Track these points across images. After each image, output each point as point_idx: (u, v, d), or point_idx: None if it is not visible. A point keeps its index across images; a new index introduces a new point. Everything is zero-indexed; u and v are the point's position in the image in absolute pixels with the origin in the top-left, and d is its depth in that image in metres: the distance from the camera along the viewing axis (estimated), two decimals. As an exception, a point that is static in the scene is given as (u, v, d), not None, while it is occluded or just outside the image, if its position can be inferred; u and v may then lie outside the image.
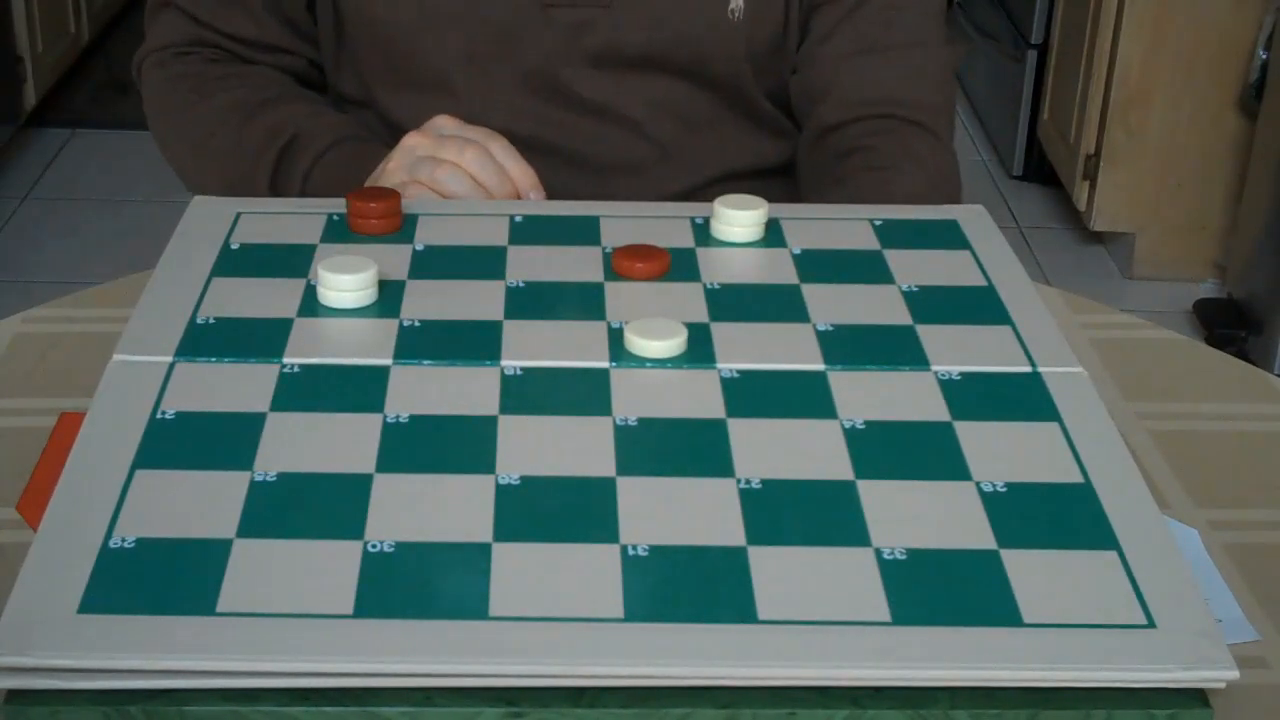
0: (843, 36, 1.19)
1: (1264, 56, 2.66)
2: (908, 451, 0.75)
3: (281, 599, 0.64)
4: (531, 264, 0.92)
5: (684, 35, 1.16)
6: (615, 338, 0.84)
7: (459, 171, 1.02)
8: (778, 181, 1.23)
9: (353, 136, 1.15)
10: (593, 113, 1.17)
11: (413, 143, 1.05)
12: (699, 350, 0.83)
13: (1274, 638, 0.75)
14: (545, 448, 0.74)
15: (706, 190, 1.17)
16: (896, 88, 1.19)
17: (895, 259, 0.94)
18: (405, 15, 1.15)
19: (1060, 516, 0.71)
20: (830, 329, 0.86)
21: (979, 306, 0.89)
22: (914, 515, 0.70)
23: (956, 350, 0.84)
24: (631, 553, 0.67)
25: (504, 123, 1.17)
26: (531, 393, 0.79)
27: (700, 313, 0.87)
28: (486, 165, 1.02)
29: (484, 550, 0.67)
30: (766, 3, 1.17)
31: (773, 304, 0.89)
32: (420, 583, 0.65)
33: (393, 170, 1.05)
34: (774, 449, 0.75)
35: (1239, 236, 2.71)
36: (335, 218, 0.97)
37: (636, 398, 0.78)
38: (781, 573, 0.66)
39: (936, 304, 0.89)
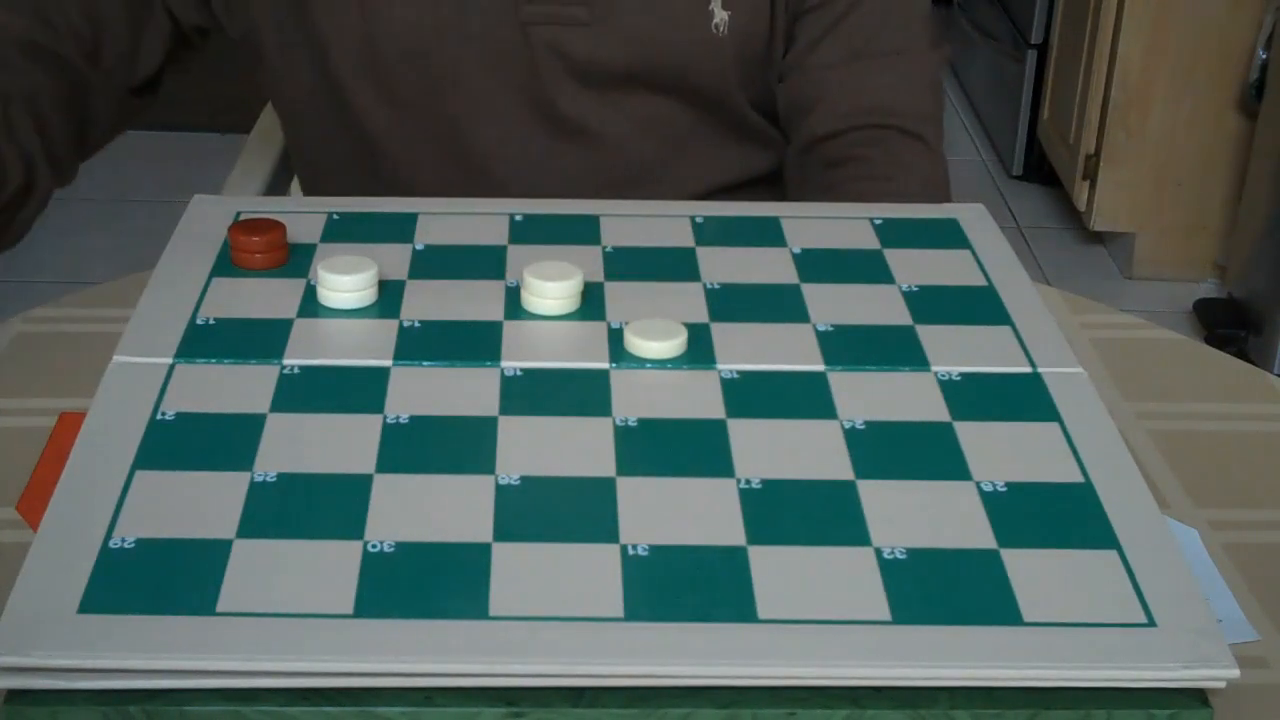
0: (831, 44, 1.18)
1: (1264, 56, 2.66)
2: (908, 452, 0.75)
3: (281, 599, 0.64)
4: (532, 264, 0.92)
5: (667, 51, 1.14)
6: (615, 338, 0.84)
7: None
8: (765, 191, 1.22)
9: None
10: (577, 131, 1.16)
11: None
12: (699, 350, 0.83)
13: (1274, 638, 0.75)
14: (545, 448, 0.74)
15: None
16: (887, 96, 1.18)
17: (895, 258, 0.94)
18: (393, 29, 1.13)
19: (1060, 516, 0.71)
20: (830, 329, 0.86)
21: (979, 306, 0.89)
22: (914, 515, 0.70)
23: (956, 350, 0.84)
24: (631, 553, 0.67)
25: (490, 142, 1.16)
26: (531, 393, 0.79)
27: (700, 313, 0.87)
28: None
29: (484, 550, 0.67)
30: (751, 15, 1.15)
31: (773, 304, 0.89)
32: (420, 583, 0.65)
33: None
34: (774, 449, 0.75)
35: (1239, 236, 2.71)
36: (336, 217, 0.97)
37: (636, 398, 0.78)
38: (781, 572, 0.66)
39: (936, 304, 0.89)
